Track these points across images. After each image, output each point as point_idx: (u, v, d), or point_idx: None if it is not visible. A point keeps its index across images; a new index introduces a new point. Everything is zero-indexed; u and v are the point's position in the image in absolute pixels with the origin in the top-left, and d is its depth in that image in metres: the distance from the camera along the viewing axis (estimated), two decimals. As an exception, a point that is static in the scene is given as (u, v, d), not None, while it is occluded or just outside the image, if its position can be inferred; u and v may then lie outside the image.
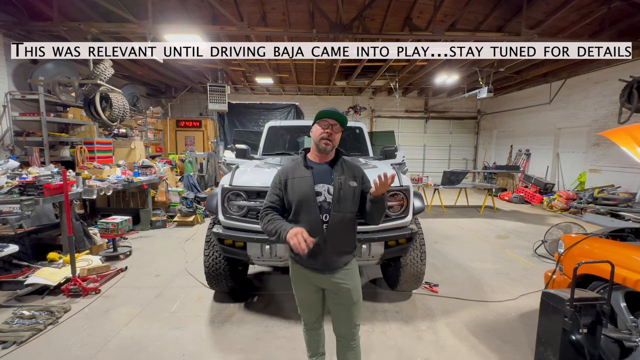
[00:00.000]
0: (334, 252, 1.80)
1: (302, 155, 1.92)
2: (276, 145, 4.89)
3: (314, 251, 1.73)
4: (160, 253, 4.87)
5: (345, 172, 1.83)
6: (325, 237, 1.77)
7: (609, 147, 7.76)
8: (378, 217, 1.84)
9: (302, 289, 1.93)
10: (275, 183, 1.87)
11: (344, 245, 1.84)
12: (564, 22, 6.12)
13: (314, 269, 1.82)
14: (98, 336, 2.76)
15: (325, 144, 1.79)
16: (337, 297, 1.86)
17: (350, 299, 1.84)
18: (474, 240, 5.72)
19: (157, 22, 5.52)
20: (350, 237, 1.87)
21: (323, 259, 1.79)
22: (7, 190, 3.82)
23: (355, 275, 1.88)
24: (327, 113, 1.80)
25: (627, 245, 2.32)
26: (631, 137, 2.13)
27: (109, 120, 5.77)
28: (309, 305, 1.98)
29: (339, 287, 1.82)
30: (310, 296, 1.93)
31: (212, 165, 8.99)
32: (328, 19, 5.52)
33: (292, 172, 1.85)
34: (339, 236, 1.80)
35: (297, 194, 1.78)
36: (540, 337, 2.28)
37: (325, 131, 1.79)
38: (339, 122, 1.81)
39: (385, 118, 13.29)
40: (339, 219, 1.77)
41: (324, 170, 1.84)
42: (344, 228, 1.81)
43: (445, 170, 8.12)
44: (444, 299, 3.50)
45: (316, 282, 1.86)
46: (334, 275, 1.82)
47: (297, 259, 1.87)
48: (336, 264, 1.81)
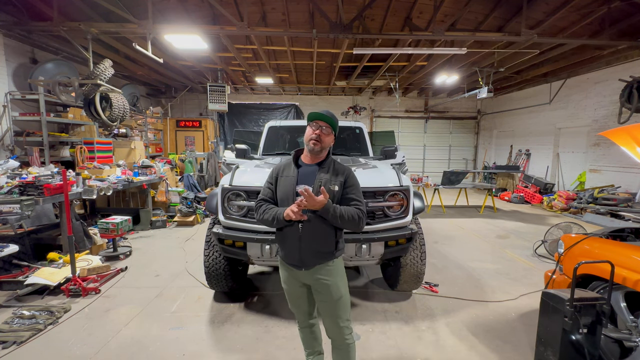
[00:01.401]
0: (309, 252, 1.82)
1: (294, 154, 1.97)
2: (276, 145, 4.88)
3: (292, 247, 1.84)
4: (160, 253, 4.87)
5: (330, 173, 1.85)
6: (301, 235, 1.80)
7: (609, 147, 7.76)
8: (335, 224, 1.80)
9: (287, 282, 1.98)
10: (269, 178, 1.96)
11: (321, 247, 1.84)
12: (564, 22, 6.13)
13: (292, 264, 1.89)
14: (98, 336, 2.76)
15: (314, 144, 1.83)
16: (319, 294, 1.89)
17: (331, 295, 1.85)
18: (474, 240, 5.72)
19: (157, 22, 5.52)
20: (328, 239, 1.85)
21: (299, 256, 1.84)
22: (7, 190, 3.82)
23: (337, 272, 1.89)
24: (316, 115, 1.85)
25: (627, 245, 2.32)
26: (631, 137, 2.13)
27: (109, 120, 5.77)
28: (296, 300, 2.01)
29: (319, 283, 1.86)
30: (295, 290, 1.97)
31: (212, 165, 8.99)
32: (328, 19, 5.52)
33: (282, 171, 1.93)
34: (314, 237, 1.81)
35: (280, 192, 1.87)
36: (540, 337, 2.28)
37: (314, 132, 1.83)
38: (329, 124, 1.85)
39: (385, 118, 13.28)
40: (314, 220, 1.77)
41: (311, 171, 1.87)
42: (320, 229, 1.80)
43: (445, 170, 8.12)
44: (444, 299, 3.50)
45: (298, 277, 1.91)
46: (314, 272, 1.85)
47: (281, 255, 1.96)
48: (312, 262, 1.83)
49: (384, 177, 3.05)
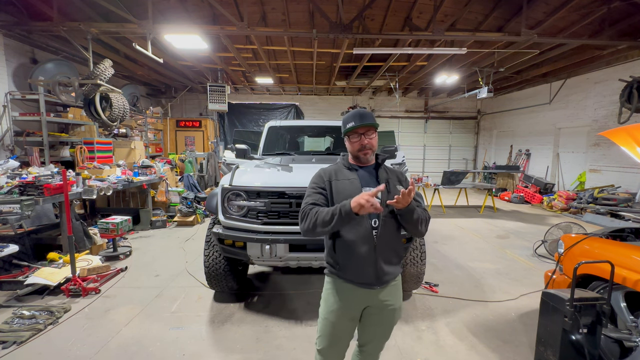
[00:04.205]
0: (384, 262, 1.59)
1: (344, 157, 1.76)
2: (276, 145, 4.88)
3: (364, 261, 1.56)
4: (160, 253, 4.87)
5: (389, 175, 1.70)
6: (376, 244, 1.56)
7: (609, 147, 7.76)
8: (412, 228, 1.61)
9: (340, 311, 1.60)
10: (318, 183, 1.67)
11: (394, 255, 1.66)
12: (564, 22, 6.12)
13: (362, 283, 1.57)
14: (98, 336, 2.76)
15: (365, 154, 1.65)
16: (378, 317, 1.65)
17: (392, 321, 1.68)
18: (474, 240, 5.72)
19: (157, 22, 5.52)
20: (399, 245, 1.70)
21: (374, 270, 1.56)
22: (7, 190, 3.82)
23: (400, 292, 1.72)
24: (354, 127, 1.62)
25: (627, 245, 2.32)
26: (631, 137, 2.13)
27: (109, 120, 5.76)
28: (340, 337, 1.66)
29: (383, 306, 1.63)
30: (346, 324, 1.64)
31: (212, 165, 8.99)
32: (328, 19, 5.52)
33: (336, 174, 1.67)
34: (389, 243, 1.61)
35: (343, 196, 1.56)
36: (540, 337, 2.28)
37: (360, 143, 1.63)
38: (370, 126, 1.64)
39: (385, 118, 13.28)
40: (389, 224, 1.60)
41: (368, 174, 1.69)
42: (393, 235, 1.63)
43: (445, 170, 8.12)
44: (444, 298, 3.50)
45: (360, 301, 1.61)
46: (382, 292, 1.61)
47: (339, 272, 1.61)
48: (387, 275, 1.60)
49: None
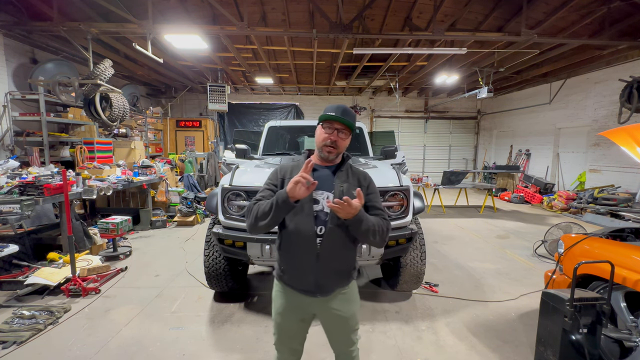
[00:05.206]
0: (328, 272, 1.52)
1: (305, 155, 1.66)
2: (276, 145, 4.89)
3: (304, 267, 1.52)
4: (160, 253, 4.87)
5: (349, 179, 1.57)
6: (319, 253, 1.49)
7: (609, 147, 7.76)
8: (362, 238, 1.50)
9: (284, 314, 1.59)
10: (271, 180, 1.61)
11: (341, 265, 1.57)
12: (564, 22, 6.13)
13: (304, 290, 1.53)
14: (98, 336, 2.76)
15: (329, 152, 1.53)
16: (329, 324, 1.63)
17: (347, 328, 1.61)
18: (474, 240, 5.72)
19: (157, 22, 5.52)
20: (349, 256, 1.60)
21: (314, 279, 1.51)
22: (7, 190, 3.82)
23: (353, 300, 1.63)
24: (331, 116, 1.49)
25: (627, 245, 2.32)
26: (631, 137, 2.13)
27: (109, 120, 5.77)
28: (289, 338, 1.65)
29: (333, 316, 1.58)
30: (292, 326, 1.61)
31: (212, 165, 8.99)
32: (328, 19, 5.52)
33: (291, 172, 1.55)
34: (335, 253, 1.53)
35: None
36: (540, 337, 2.28)
37: (329, 137, 1.51)
38: (347, 126, 1.51)
39: (385, 118, 13.29)
40: (336, 233, 1.49)
41: (326, 176, 1.57)
42: (342, 244, 1.53)
43: (445, 170, 8.12)
44: (444, 299, 3.50)
45: (305, 306, 1.57)
46: (328, 301, 1.55)
47: (284, 277, 1.58)
48: (331, 286, 1.54)
49: (384, 177, 3.05)
